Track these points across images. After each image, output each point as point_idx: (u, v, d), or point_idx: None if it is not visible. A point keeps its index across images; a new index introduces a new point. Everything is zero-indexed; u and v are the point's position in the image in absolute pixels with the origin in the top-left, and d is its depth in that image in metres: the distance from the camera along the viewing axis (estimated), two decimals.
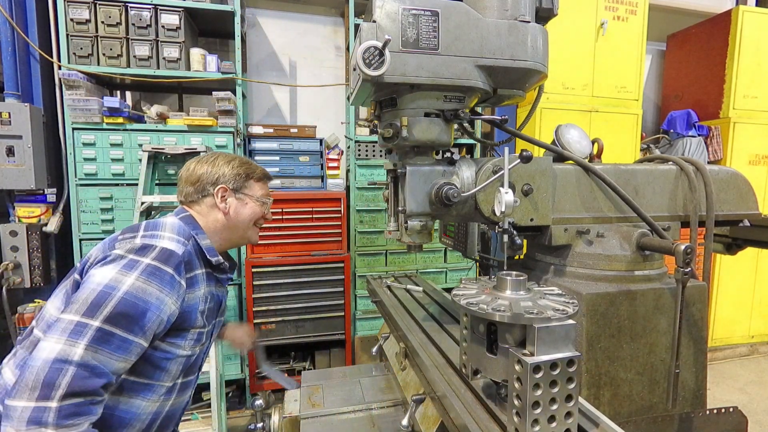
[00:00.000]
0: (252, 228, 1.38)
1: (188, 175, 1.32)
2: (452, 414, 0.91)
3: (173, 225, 1.22)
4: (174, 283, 1.10)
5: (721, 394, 3.66)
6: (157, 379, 1.15)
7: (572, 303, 0.82)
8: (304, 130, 3.46)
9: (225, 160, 1.35)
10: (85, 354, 0.93)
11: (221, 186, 1.31)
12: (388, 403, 1.47)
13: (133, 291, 1.02)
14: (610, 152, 3.78)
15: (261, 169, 1.41)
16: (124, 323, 1.00)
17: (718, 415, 1.22)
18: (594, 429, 0.83)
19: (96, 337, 0.95)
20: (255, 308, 3.22)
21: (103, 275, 1.03)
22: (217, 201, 1.30)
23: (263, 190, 1.40)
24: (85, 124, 2.82)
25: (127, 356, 1.01)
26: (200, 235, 1.26)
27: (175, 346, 1.16)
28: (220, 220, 1.31)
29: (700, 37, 4.43)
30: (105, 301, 0.99)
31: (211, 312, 1.28)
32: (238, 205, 1.33)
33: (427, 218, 1.24)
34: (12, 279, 2.71)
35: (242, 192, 1.33)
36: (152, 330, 1.06)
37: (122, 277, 1.03)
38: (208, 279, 1.26)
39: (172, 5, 2.94)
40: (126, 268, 1.05)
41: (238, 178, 1.33)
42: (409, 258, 3.62)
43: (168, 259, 1.10)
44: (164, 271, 1.08)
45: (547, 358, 0.72)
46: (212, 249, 1.28)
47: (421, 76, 1.11)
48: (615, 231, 1.30)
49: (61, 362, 0.91)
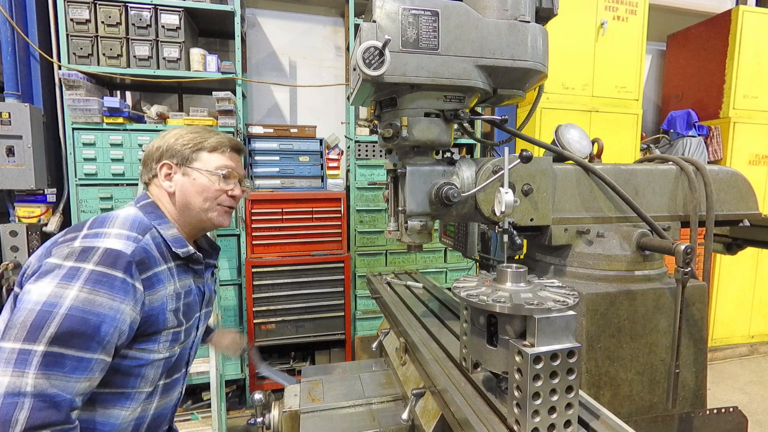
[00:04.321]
0: (213, 208, 1.16)
1: (144, 155, 1.18)
2: (452, 407, 0.92)
3: (126, 218, 1.06)
4: (127, 287, 0.95)
5: (721, 394, 3.66)
6: (132, 387, 1.04)
7: (572, 295, 0.82)
8: (304, 130, 3.46)
9: (176, 132, 1.18)
10: (37, 383, 0.82)
11: (164, 162, 1.14)
12: (388, 397, 1.47)
13: (79, 305, 0.88)
14: (610, 152, 3.78)
15: (220, 136, 1.19)
16: (76, 342, 0.87)
17: (718, 415, 1.22)
18: (594, 420, 0.83)
19: (45, 363, 0.84)
20: (255, 308, 3.22)
21: (40, 291, 0.88)
22: (161, 179, 1.14)
23: (220, 161, 1.17)
24: (85, 124, 2.82)
25: (89, 375, 0.90)
26: (164, 224, 1.11)
27: (147, 351, 1.04)
28: (169, 203, 1.15)
29: (700, 37, 4.43)
30: (46, 321, 0.85)
31: (190, 307, 1.15)
32: (185, 182, 1.13)
33: (427, 218, 1.24)
34: (12, 279, 2.71)
35: (189, 166, 1.14)
36: (112, 343, 0.93)
37: (63, 291, 0.88)
38: (179, 273, 1.12)
39: (172, 5, 2.94)
40: (66, 279, 0.90)
41: (184, 149, 1.14)
42: (409, 258, 3.63)
43: (115, 262, 0.94)
44: (112, 275, 0.93)
45: (548, 348, 0.72)
46: (179, 239, 1.12)
47: (421, 76, 1.11)
48: (615, 231, 1.30)
49: (12, 396, 0.80)
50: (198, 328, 1.26)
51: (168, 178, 1.14)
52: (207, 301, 1.29)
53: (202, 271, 1.22)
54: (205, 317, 1.31)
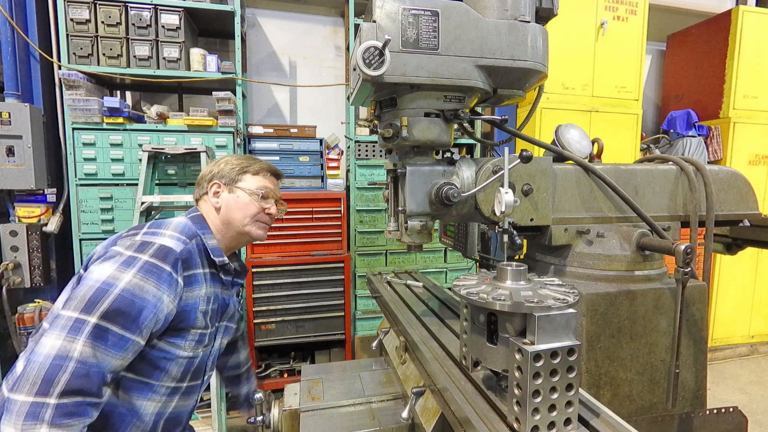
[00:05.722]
0: (252, 224, 1.31)
1: (198, 176, 1.36)
2: (453, 405, 0.92)
3: (178, 224, 1.22)
4: (171, 280, 1.09)
5: (721, 394, 3.66)
6: (156, 379, 1.14)
7: (572, 292, 0.82)
8: (304, 130, 3.46)
9: (226, 158, 1.35)
10: (83, 350, 0.93)
11: (214, 182, 1.30)
12: (388, 396, 1.47)
13: (130, 288, 1.02)
14: (610, 152, 3.78)
15: (262, 163, 1.37)
16: (120, 320, 0.99)
17: (718, 415, 1.22)
18: (594, 419, 0.83)
19: (93, 334, 0.95)
20: (255, 308, 3.22)
21: (101, 272, 1.03)
22: (210, 196, 1.30)
23: (260, 183, 1.33)
24: (85, 124, 2.82)
25: (123, 354, 1.01)
26: (207, 234, 1.26)
27: (175, 346, 1.15)
28: (216, 217, 1.30)
29: (700, 37, 4.43)
30: (102, 297, 0.99)
31: (214, 314, 1.26)
32: (230, 200, 1.29)
33: (427, 218, 1.24)
34: (12, 279, 2.71)
35: (235, 185, 1.30)
36: (149, 328, 1.05)
37: (120, 274, 1.03)
38: (212, 280, 1.25)
39: (172, 5, 2.94)
40: (124, 265, 1.05)
41: (231, 172, 1.31)
42: (409, 258, 3.63)
43: (166, 257, 1.09)
44: (162, 268, 1.07)
45: (548, 346, 0.72)
46: (218, 249, 1.26)
47: (421, 76, 1.11)
48: (615, 231, 1.30)
49: (61, 359, 0.91)
50: (217, 339, 1.33)
51: (216, 195, 1.30)
52: (230, 315, 1.39)
53: (229, 283, 1.34)
54: (226, 331, 1.38)
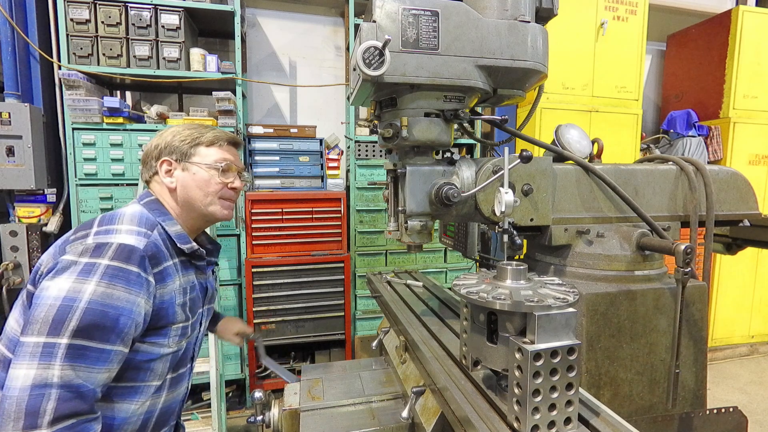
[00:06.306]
0: (215, 202, 1.18)
1: (143, 153, 1.20)
2: (452, 405, 0.92)
3: (133, 215, 1.08)
4: (141, 281, 0.98)
5: (721, 394, 3.66)
6: (142, 381, 1.07)
7: (572, 292, 0.82)
8: (304, 130, 3.47)
9: (173, 129, 1.20)
10: (63, 374, 0.85)
11: (164, 159, 1.15)
12: (388, 395, 1.47)
13: (98, 299, 0.91)
14: (610, 152, 3.78)
15: (216, 131, 1.21)
16: (97, 334, 0.90)
17: (718, 415, 1.22)
18: (594, 418, 0.83)
19: (69, 355, 0.87)
20: (255, 308, 3.22)
21: (58, 287, 0.91)
22: (162, 176, 1.16)
23: (218, 155, 1.18)
24: (85, 124, 2.82)
25: (108, 366, 0.94)
26: (168, 221, 1.13)
27: (158, 346, 1.07)
28: (171, 200, 1.17)
29: (700, 37, 4.43)
30: (67, 315, 0.88)
31: (194, 302, 1.18)
32: (186, 178, 1.15)
33: (427, 218, 1.24)
34: (12, 279, 2.71)
35: (188, 161, 1.15)
36: (130, 335, 0.97)
37: (81, 286, 0.91)
38: (184, 269, 1.15)
39: (172, 5, 2.94)
40: (83, 274, 0.93)
41: (182, 145, 1.15)
42: (409, 258, 3.63)
43: (129, 257, 0.97)
44: (128, 270, 0.96)
45: (548, 345, 0.72)
46: (183, 235, 1.14)
47: (421, 76, 1.11)
48: (615, 231, 1.30)
49: (40, 387, 0.83)
50: (201, 324, 1.28)
51: (169, 174, 1.16)
52: (210, 297, 1.31)
53: (204, 267, 1.24)
54: (208, 313, 1.33)
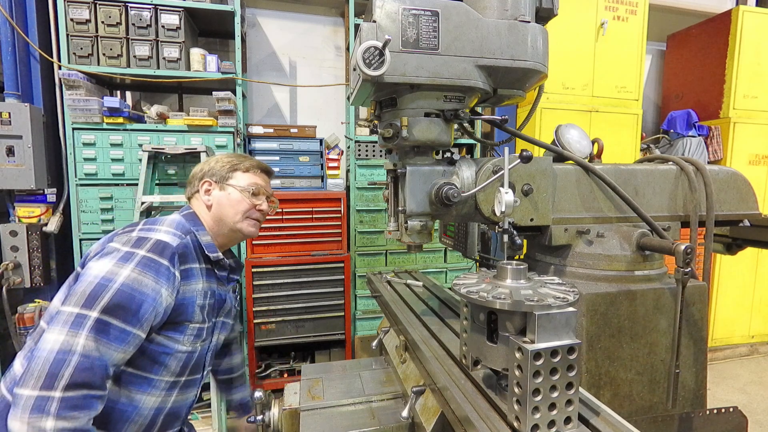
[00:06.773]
0: (243, 221, 1.34)
1: (190, 175, 1.39)
2: (452, 404, 0.91)
3: (173, 220, 1.25)
4: (169, 274, 1.11)
5: (721, 394, 3.66)
6: (155, 374, 1.16)
7: (573, 291, 0.82)
8: (304, 130, 3.47)
9: (217, 157, 1.38)
10: (86, 344, 0.95)
11: (205, 180, 1.33)
12: (388, 395, 1.47)
13: (129, 282, 1.04)
14: (610, 152, 3.78)
15: (253, 160, 1.39)
16: (121, 314, 1.01)
17: (718, 415, 1.22)
18: (594, 417, 0.83)
19: (95, 328, 0.97)
20: (255, 308, 3.22)
21: (99, 268, 1.05)
22: (201, 194, 1.33)
23: (251, 180, 1.36)
24: (85, 124, 2.82)
25: (125, 347, 1.03)
26: (200, 231, 1.28)
27: (173, 341, 1.17)
28: (207, 215, 1.33)
29: (700, 37, 4.43)
30: (102, 292, 1.01)
31: (211, 309, 1.29)
32: (221, 197, 1.32)
33: (427, 218, 1.24)
34: (12, 279, 2.71)
35: (226, 183, 1.33)
36: (149, 321, 1.07)
37: (118, 269, 1.05)
38: (207, 275, 1.27)
39: (172, 5, 2.94)
40: (122, 260, 1.07)
41: (222, 170, 1.34)
42: (409, 258, 3.63)
43: (163, 251, 1.12)
44: (159, 262, 1.10)
45: (548, 345, 0.72)
46: (211, 245, 1.29)
47: (421, 76, 1.11)
48: (615, 231, 1.30)
49: (64, 353, 0.93)
50: (215, 334, 1.35)
51: (207, 193, 1.33)
52: (227, 310, 1.41)
53: (225, 279, 1.35)
54: (223, 326, 1.40)
